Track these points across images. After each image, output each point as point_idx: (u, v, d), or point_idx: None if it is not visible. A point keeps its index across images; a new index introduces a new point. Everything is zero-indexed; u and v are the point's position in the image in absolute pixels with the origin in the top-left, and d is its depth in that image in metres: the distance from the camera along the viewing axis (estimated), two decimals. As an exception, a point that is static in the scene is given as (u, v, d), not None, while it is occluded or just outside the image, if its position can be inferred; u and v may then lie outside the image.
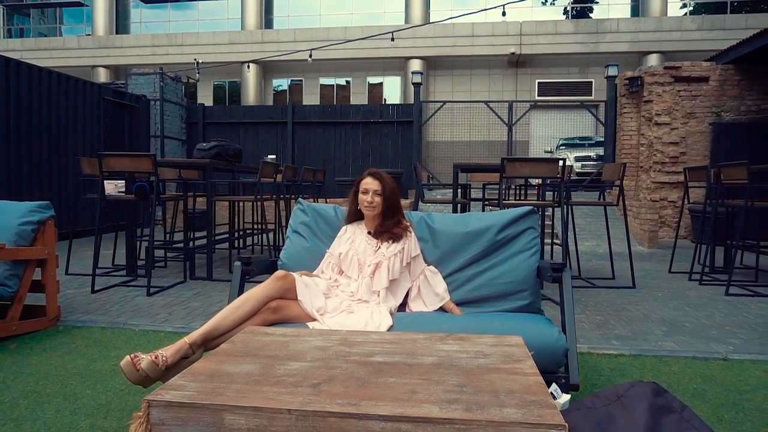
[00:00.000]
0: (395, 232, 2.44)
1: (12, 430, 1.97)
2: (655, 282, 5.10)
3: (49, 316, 3.36)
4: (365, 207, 2.45)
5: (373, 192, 2.44)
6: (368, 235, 2.49)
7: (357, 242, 2.48)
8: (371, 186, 2.44)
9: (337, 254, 2.47)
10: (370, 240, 2.47)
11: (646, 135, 9.09)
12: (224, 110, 12.44)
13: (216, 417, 1.30)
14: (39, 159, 7.52)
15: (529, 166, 4.03)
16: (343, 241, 2.50)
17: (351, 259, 2.42)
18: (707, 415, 2.14)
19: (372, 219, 2.50)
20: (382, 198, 2.45)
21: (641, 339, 3.19)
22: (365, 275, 2.39)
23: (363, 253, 2.43)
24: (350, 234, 2.52)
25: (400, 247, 2.43)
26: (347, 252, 2.44)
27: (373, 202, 2.43)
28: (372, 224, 2.51)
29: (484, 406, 1.28)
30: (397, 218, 2.49)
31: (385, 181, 2.47)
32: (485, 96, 18.28)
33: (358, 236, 2.50)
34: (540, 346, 2.01)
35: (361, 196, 2.47)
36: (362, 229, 2.53)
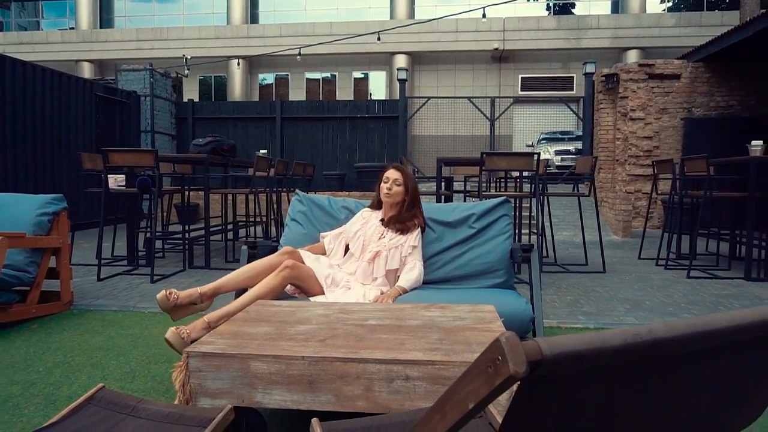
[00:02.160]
0: (406, 224, 2.70)
1: (53, 392, 2.25)
2: (624, 267, 5.48)
3: (63, 300, 3.62)
4: (384, 194, 2.73)
5: (392, 181, 2.72)
6: (380, 221, 2.78)
7: (368, 225, 2.76)
8: (392, 175, 2.74)
9: (349, 230, 2.75)
10: (379, 226, 2.75)
11: (622, 129, 9.50)
12: (213, 106, 12.62)
13: (243, 364, 1.60)
14: (33, 155, 7.69)
15: (506, 159, 4.36)
16: (359, 220, 2.80)
17: (358, 238, 2.71)
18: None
19: (390, 208, 2.77)
20: (402, 189, 2.73)
21: (605, 315, 3.55)
22: (364, 259, 2.68)
23: (370, 236, 2.71)
24: (366, 216, 2.82)
25: (403, 240, 2.68)
26: (357, 231, 2.74)
27: (392, 190, 2.71)
28: (387, 213, 2.78)
29: (459, 352, 1.61)
30: (413, 213, 2.76)
31: (406, 174, 2.77)
32: (469, 91, 18.63)
33: (371, 220, 2.79)
34: (509, 315, 2.34)
35: (382, 185, 2.75)
36: (377, 215, 2.82)
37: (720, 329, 0.55)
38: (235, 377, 1.61)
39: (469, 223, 2.96)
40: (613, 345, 0.48)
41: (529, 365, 0.46)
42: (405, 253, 2.67)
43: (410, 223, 2.72)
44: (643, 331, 0.50)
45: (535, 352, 0.46)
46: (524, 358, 0.46)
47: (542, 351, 0.46)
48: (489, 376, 0.48)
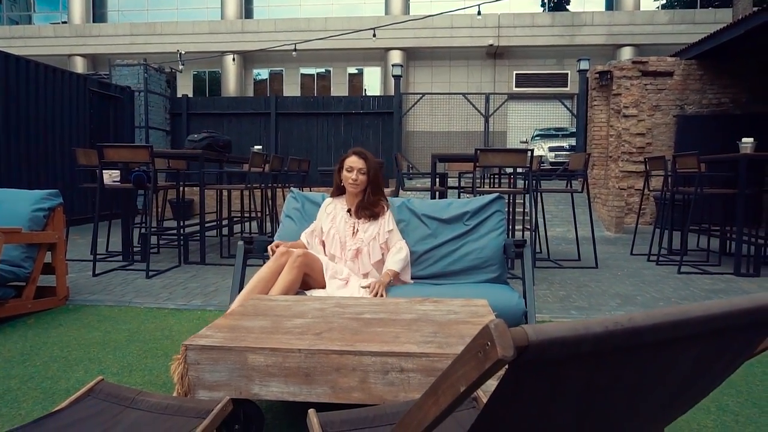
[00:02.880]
0: (374, 210, 2.70)
1: (51, 386, 2.28)
2: (616, 263, 5.54)
3: (59, 295, 3.63)
4: (349, 184, 2.68)
5: (357, 170, 2.67)
6: (347, 213, 2.76)
7: (338, 220, 2.75)
8: (356, 164, 2.67)
9: (320, 228, 2.75)
10: (348, 219, 2.74)
11: (615, 126, 9.56)
12: (208, 101, 12.61)
13: (241, 357, 1.63)
14: (27, 150, 7.66)
15: (500, 156, 4.40)
16: (326, 216, 2.77)
17: (333, 237, 2.71)
18: (643, 367, 2.54)
19: (354, 196, 2.75)
20: (367, 177, 2.69)
21: (596, 309, 3.60)
22: (347, 258, 2.70)
23: (344, 233, 2.71)
24: (332, 210, 2.78)
25: (377, 229, 2.70)
26: (329, 230, 2.73)
27: (357, 180, 2.67)
28: (353, 201, 2.76)
29: (452, 344, 1.64)
30: (378, 197, 2.74)
31: (370, 161, 2.71)
32: (464, 87, 18.65)
33: (338, 213, 2.76)
34: (502, 309, 2.38)
35: (345, 173, 2.69)
36: (343, 206, 2.78)
37: (695, 318, 0.58)
38: (232, 370, 1.64)
39: (463, 220, 3.00)
40: (595, 332, 0.52)
41: (516, 350, 0.49)
42: (382, 240, 2.70)
43: (378, 208, 2.72)
44: (624, 319, 0.54)
45: (521, 338, 0.49)
46: (511, 343, 0.49)
47: (528, 337, 0.49)
48: (479, 360, 0.52)
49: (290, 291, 2.45)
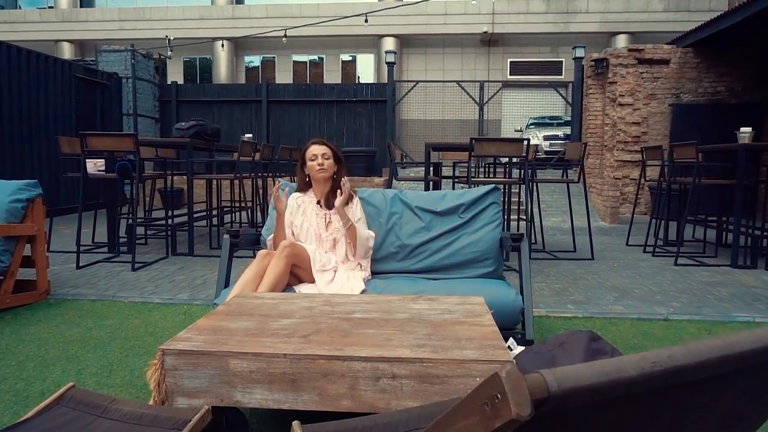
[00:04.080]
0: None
1: (24, 388, 2.17)
2: (612, 254, 5.47)
3: (39, 289, 3.51)
4: (316, 171, 2.60)
5: (321, 155, 2.61)
6: (317, 205, 2.66)
7: (309, 213, 2.65)
8: (318, 151, 2.62)
9: (290, 223, 2.64)
10: (319, 210, 2.65)
11: (611, 115, 9.46)
12: (198, 89, 12.38)
13: (222, 362, 1.53)
14: (11, 138, 7.46)
15: (496, 145, 4.29)
16: (296, 209, 2.66)
17: (307, 230, 2.61)
18: (643, 364, 2.46)
19: (323, 184, 2.66)
20: (332, 161, 2.63)
21: (594, 303, 3.52)
22: (325, 249, 2.60)
23: (317, 225, 2.62)
24: (300, 203, 2.68)
25: (354, 218, 2.60)
26: (302, 224, 2.63)
27: (324, 164, 2.60)
28: (322, 191, 2.67)
29: (447, 348, 1.54)
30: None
31: (332, 146, 2.66)
32: (458, 74, 18.48)
33: (308, 206, 2.67)
34: (499, 306, 2.29)
35: (310, 163, 2.62)
36: (311, 199, 2.69)
37: (746, 352, 0.48)
38: (213, 376, 1.54)
39: (458, 213, 2.89)
40: (629, 375, 0.41)
41: (534, 404, 0.39)
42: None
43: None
44: (663, 357, 0.43)
45: (540, 389, 0.39)
46: (528, 397, 0.39)
47: (549, 387, 0.39)
48: (486, 416, 0.41)
49: (279, 284, 2.35)
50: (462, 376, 1.47)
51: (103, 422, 1.45)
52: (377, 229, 2.87)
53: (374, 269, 2.82)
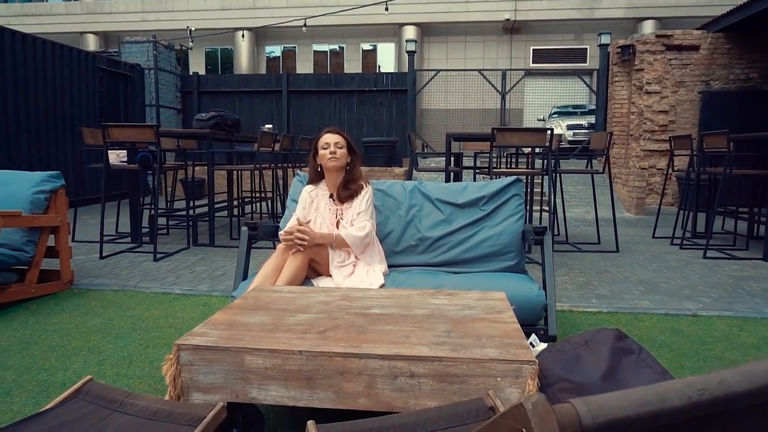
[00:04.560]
0: (352, 188, 2.55)
1: (46, 378, 2.19)
2: (638, 246, 5.34)
3: (63, 279, 3.56)
4: (329, 161, 2.52)
5: (334, 144, 2.53)
6: (330, 199, 2.60)
7: (322, 208, 2.59)
8: (331, 140, 2.54)
9: (304, 218, 2.56)
10: (331, 206, 2.59)
11: (637, 103, 9.22)
12: (219, 79, 12.42)
13: (237, 358, 1.51)
14: (37, 130, 7.59)
15: (518, 135, 4.19)
16: (308, 204, 2.60)
17: (320, 226, 2.56)
18: (670, 362, 2.38)
19: (335, 174, 2.58)
20: (345, 150, 2.55)
21: (619, 298, 3.43)
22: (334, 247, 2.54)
23: (329, 221, 2.56)
24: (313, 197, 2.62)
25: (357, 210, 2.54)
26: (315, 219, 2.57)
27: (336, 153, 2.52)
28: (334, 182, 2.59)
29: (467, 347, 1.50)
30: (359, 173, 2.60)
31: (345, 136, 2.58)
32: (480, 63, 18.21)
33: (321, 200, 2.61)
34: (521, 302, 2.23)
35: (322, 152, 2.54)
36: (324, 192, 2.62)
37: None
38: (228, 372, 1.52)
39: (479, 205, 2.83)
40: (674, 405, 0.36)
41: (565, 438, 0.34)
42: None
43: (356, 186, 2.57)
44: (712, 384, 0.38)
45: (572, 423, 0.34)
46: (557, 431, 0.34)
47: (582, 421, 0.34)
48: (510, 451, 0.37)
49: (297, 277, 2.33)
50: (482, 376, 1.42)
51: (119, 417, 1.44)
52: (396, 222, 2.83)
53: (394, 262, 2.78)
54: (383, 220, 2.82)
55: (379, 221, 2.81)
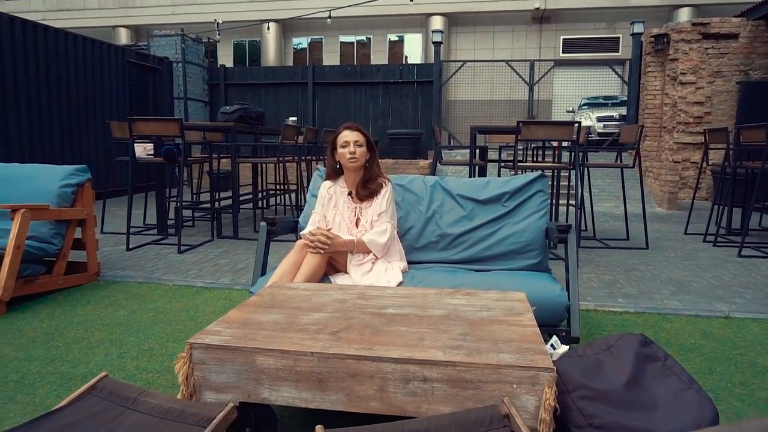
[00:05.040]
0: (372, 188, 2.49)
1: (69, 370, 2.22)
2: (669, 243, 5.17)
3: (90, 271, 3.63)
4: (347, 160, 2.46)
5: (354, 143, 2.45)
6: (348, 197, 2.55)
7: (341, 205, 2.55)
8: (351, 137, 2.46)
9: (323, 216, 2.55)
10: (350, 204, 2.54)
11: (671, 94, 8.92)
12: (245, 71, 12.51)
13: (249, 358, 1.49)
14: (69, 123, 7.76)
15: (544, 129, 4.09)
16: (327, 202, 2.56)
17: (339, 224, 2.53)
18: (700, 368, 2.29)
19: (354, 173, 2.53)
20: (365, 149, 2.48)
21: (647, 298, 3.32)
22: None
23: (348, 219, 2.53)
24: (332, 194, 2.57)
25: (378, 211, 2.49)
26: (334, 217, 2.54)
27: (356, 153, 2.45)
28: (353, 180, 2.54)
29: (483, 351, 1.45)
30: (376, 172, 2.54)
31: (364, 133, 2.50)
32: (508, 53, 17.91)
33: (340, 198, 2.56)
34: (542, 302, 2.17)
35: (341, 150, 2.47)
36: (343, 189, 2.57)
37: None
38: (240, 371, 1.51)
39: (502, 201, 2.77)
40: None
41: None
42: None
43: (375, 184, 2.51)
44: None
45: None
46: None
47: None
48: None
49: (315, 275, 2.31)
50: (497, 382, 1.38)
51: (132, 415, 1.44)
52: (417, 218, 2.79)
53: (414, 259, 2.74)
54: (403, 215, 2.78)
55: (400, 217, 2.78)
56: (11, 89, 6.80)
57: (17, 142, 6.89)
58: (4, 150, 6.67)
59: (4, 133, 6.71)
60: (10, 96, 6.78)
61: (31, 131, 7.10)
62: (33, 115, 7.13)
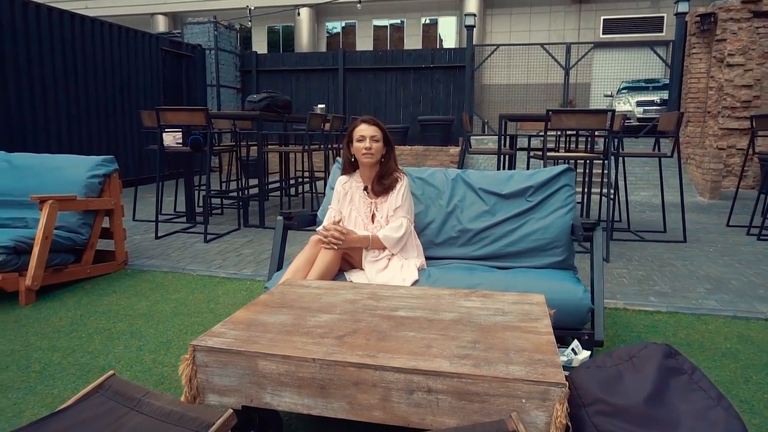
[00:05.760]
0: (387, 183, 2.43)
1: (89, 362, 2.26)
2: (709, 236, 4.93)
3: (118, 260, 3.70)
4: (363, 155, 2.40)
5: (370, 138, 2.38)
6: (364, 192, 2.49)
7: (356, 200, 2.50)
8: (367, 132, 2.39)
9: (338, 212, 2.50)
10: (366, 198, 2.48)
11: (716, 77, 8.47)
12: (277, 58, 12.52)
13: (251, 362, 1.46)
14: (105, 111, 7.93)
15: (575, 117, 3.92)
16: (342, 197, 2.52)
17: (355, 220, 2.48)
18: (735, 376, 2.16)
19: (370, 168, 2.46)
20: (381, 144, 2.41)
21: (681, 296, 3.16)
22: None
23: (364, 215, 2.48)
24: (347, 189, 2.52)
25: (392, 207, 2.43)
26: (350, 213, 2.49)
27: (372, 149, 2.38)
28: (369, 175, 2.48)
29: (492, 362, 1.38)
30: (393, 166, 2.47)
31: (381, 127, 2.43)
32: (545, 36, 17.38)
33: (355, 193, 2.51)
34: (564, 305, 2.07)
35: (356, 144, 2.41)
36: (359, 184, 2.51)
37: None
38: (242, 375, 1.48)
39: (525, 196, 2.66)
40: None
41: None
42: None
43: (390, 179, 2.44)
44: None
45: None
46: None
47: None
48: None
49: (329, 272, 2.27)
50: (505, 396, 1.31)
51: (135, 416, 1.44)
52: (437, 212, 2.71)
53: (433, 254, 2.68)
54: (423, 210, 2.71)
55: (419, 211, 2.71)
56: (50, 79, 6.98)
57: (56, 131, 7.09)
58: (44, 139, 6.88)
59: (45, 122, 6.91)
60: (49, 86, 6.96)
61: (69, 120, 7.29)
62: (71, 104, 7.31)
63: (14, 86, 6.52)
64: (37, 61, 6.79)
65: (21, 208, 3.41)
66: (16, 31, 6.51)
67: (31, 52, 6.70)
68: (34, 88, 6.76)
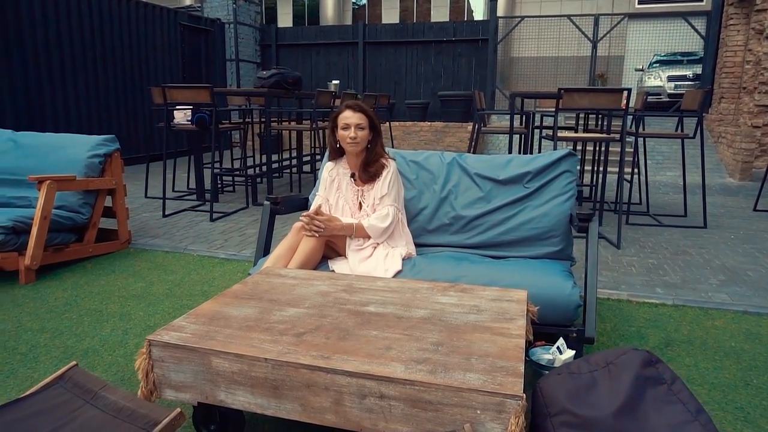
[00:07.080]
0: (374, 169, 2.35)
1: (75, 344, 2.28)
2: (732, 221, 4.69)
3: (120, 239, 3.72)
4: (348, 143, 2.32)
5: (355, 126, 2.30)
6: (351, 179, 2.43)
7: (343, 188, 2.44)
8: (352, 120, 2.30)
9: (325, 199, 2.45)
10: (353, 186, 2.42)
11: (754, 50, 7.99)
12: (297, 32, 12.35)
13: (205, 360, 1.43)
14: (124, 87, 7.97)
15: (588, 97, 3.72)
16: (329, 184, 2.45)
17: (342, 207, 2.42)
18: (734, 379, 2.04)
19: (356, 155, 2.38)
20: (367, 131, 2.33)
21: (690, 288, 3.01)
22: None
23: (351, 202, 2.42)
24: (334, 176, 2.45)
25: (379, 194, 2.36)
26: (337, 201, 2.43)
27: (357, 137, 2.30)
28: (355, 162, 2.41)
29: (450, 369, 1.31)
30: (379, 152, 2.38)
31: (367, 113, 2.33)
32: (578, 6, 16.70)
33: (342, 180, 2.44)
34: (549, 301, 1.98)
35: (341, 132, 2.33)
36: (346, 171, 2.44)
37: None
38: (197, 372, 1.45)
39: (523, 182, 2.54)
40: None
41: None
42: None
43: (376, 167, 2.35)
44: None
45: None
46: None
47: None
48: None
49: (311, 260, 2.22)
50: (459, 406, 1.24)
51: (89, 410, 1.43)
52: (430, 197, 2.62)
53: (425, 241, 2.60)
54: (416, 195, 2.62)
55: (413, 196, 2.62)
56: (69, 59, 7.02)
57: (75, 110, 7.16)
58: (64, 116, 6.96)
59: (63, 102, 6.98)
60: (67, 65, 7.01)
61: (88, 97, 7.35)
62: (89, 81, 7.36)
63: (33, 67, 6.58)
64: (55, 42, 6.82)
65: (25, 187, 3.44)
66: (34, 11, 6.54)
67: (49, 32, 6.73)
68: (52, 69, 6.82)
